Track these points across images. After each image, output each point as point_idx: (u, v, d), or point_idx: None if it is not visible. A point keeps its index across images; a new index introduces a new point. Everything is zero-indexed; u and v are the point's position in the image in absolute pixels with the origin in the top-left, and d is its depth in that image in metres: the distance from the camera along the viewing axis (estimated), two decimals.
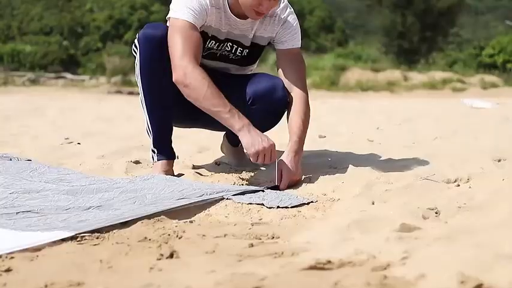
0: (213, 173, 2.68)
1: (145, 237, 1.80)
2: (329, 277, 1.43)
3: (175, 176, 2.65)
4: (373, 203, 2.02)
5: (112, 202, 2.19)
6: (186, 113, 2.67)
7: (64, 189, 2.40)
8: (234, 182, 2.45)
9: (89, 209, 2.12)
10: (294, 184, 2.38)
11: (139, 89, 2.60)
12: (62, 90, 12.82)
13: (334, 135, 3.65)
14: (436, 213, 1.92)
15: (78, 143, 3.77)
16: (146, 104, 2.58)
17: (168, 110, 2.62)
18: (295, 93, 2.57)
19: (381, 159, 2.91)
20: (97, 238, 1.83)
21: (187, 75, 2.36)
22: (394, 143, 3.31)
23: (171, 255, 1.64)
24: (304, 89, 2.60)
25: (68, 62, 26.95)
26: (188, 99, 2.41)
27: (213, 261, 1.59)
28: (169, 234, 1.82)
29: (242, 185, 2.43)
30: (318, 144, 3.25)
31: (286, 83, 2.59)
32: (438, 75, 19.09)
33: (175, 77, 2.38)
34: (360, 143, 3.41)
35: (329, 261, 1.51)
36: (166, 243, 1.76)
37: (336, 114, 4.66)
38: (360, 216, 1.88)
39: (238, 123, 2.35)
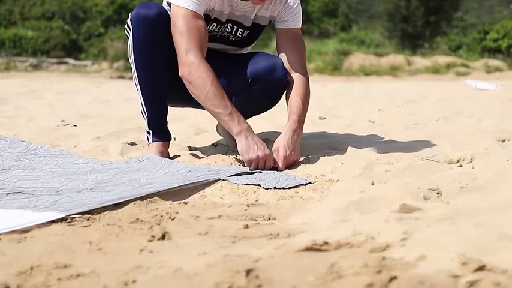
0: (209, 154, 2.63)
1: (137, 219, 1.75)
2: (325, 259, 1.38)
3: (170, 157, 2.59)
4: (372, 184, 1.96)
5: (106, 184, 2.13)
6: (181, 93, 2.61)
7: (57, 170, 2.34)
8: (231, 163, 2.40)
9: (81, 191, 2.07)
10: (292, 164, 2.32)
11: (133, 70, 2.54)
12: (63, 75, 12.76)
13: (334, 117, 3.59)
14: (438, 193, 1.86)
15: (74, 125, 3.71)
16: (140, 85, 2.52)
17: (163, 91, 2.56)
18: (295, 73, 2.51)
19: (381, 140, 2.85)
20: (87, 220, 1.78)
21: (192, 72, 2.32)
22: (395, 124, 3.24)
23: (163, 237, 1.59)
24: (304, 70, 2.54)
25: (70, 47, 26.86)
26: (192, 95, 2.36)
27: (206, 242, 1.54)
28: (162, 216, 1.77)
29: (239, 166, 2.37)
30: (318, 126, 3.19)
31: (286, 62, 2.52)
32: (442, 59, 18.95)
33: (180, 73, 2.35)
34: (360, 125, 3.34)
35: (326, 243, 1.45)
36: (159, 224, 1.71)
37: (337, 97, 4.59)
38: (359, 197, 1.82)
39: (236, 127, 2.29)
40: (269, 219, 1.75)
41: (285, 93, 2.54)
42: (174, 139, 3.05)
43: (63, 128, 3.66)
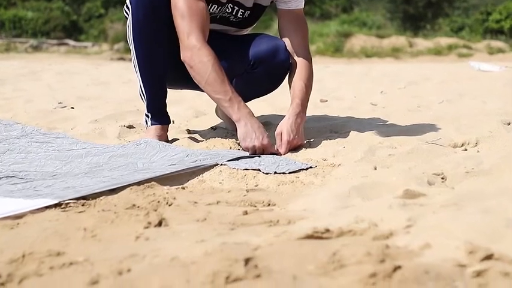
0: (208, 138, 2.57)
1: (134, 205, 1.70)
2: (327, 247, 1.33)
3: (169, 141, 2.54)
4: (375, 169, 1.91)
5: (101, 169, 2.09)
6: (181, 75, 2.55)
7: (52, 154, 2.29)
8: (230, 147, 2.34)
9: (76, 175, 2.02)
10: (295, 149, 2.26)
11: (132, 52, 2.48)
12: (63, 56, 12.67)
13: (336, 99, 3.52)
14: (443, 178, 1.81)
15: (72, 108, 3.66)
16: (139, 67, 2.46)
17: (162, 73, 2.50)
18: (298, 55, 2.45)
19: (384, 123, 2.79)
20: (82, 205, 1.74)
21: (193, 56, 2.27)
22: (398, 107, 3.18)
23: (160, 224, 1.54)
24: (307, 52, 2.48)
25: (70, 28, 26.65)
26: (194, 79, 2.32)
27: (204, 229, 1.49)
28: (158, 201, 1.72)
29: (238, 150, 2.32)
30: (319, 109, 3.13)
31: (288, 44, 2.46)
32: (444, 41, 18.80)
33: (182, 57, 2.31)
34: (362, 107, 3.28)
35: (327, 230, 1.41)
36: (156, 210, 1.66)
37: (339, 79, 4.52)
38: (361, 182, 1.77)
39: (236, 113, 2.24)
40: (269, 205, 1.71)
41: (287, 76, 2.48)
42: (173, 122, 2.99)
43: (61, 110, 3.60)
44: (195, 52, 2.26)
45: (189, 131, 2.76)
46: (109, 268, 1.25)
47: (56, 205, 1.73)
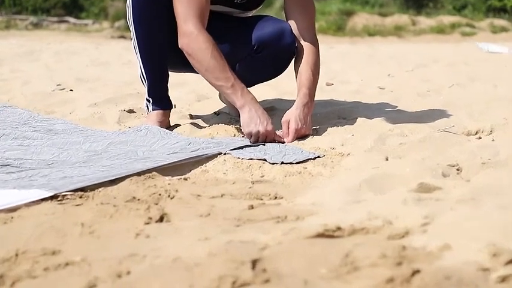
0: (211, 124, 2.48)
1: (134, 197, 1.62)
2: (339, 247, 1.25)
3: (171, 127, 2.46)
4: (386, 159, 1.82)
5: (100, 157, 2.00)
6: (184, 58, 2.45)
7: (49, 140, 2.21)
8: (234, 134, 2.25)
9: (74, 164, 1.93)
10: (301, 137, 2.17)
11: (132, 34, 2.38)
12: (63, 34, 12.49)
13: (342, 82, 3.42)
14: (458, 170, 1.73)
15: (71, 90, 3.56)
16: (140, 49, 2.37)
17: (164, 56, 2.40)
18: (305, 39, 2.35)
19: (393, 109, 2.70)
20: (80, 197, 1.66)
21: (190, 44, 2.18)
22: (407, 91, 3.08)
23: (161, 219, 1.46)
24: (314, 35, 2.37)
25: (71, 5, 26.37)
26: (193, 67, 2.24)
27: (208, 226, 1.41)
28: (160, 194, 1.64)
29: (243, 137, 2.23)
30: (325, 93, 3.03)
31: (295, 28, 2.36)
32: (447, 19, 18.58)
33: (180, 44, 2.21)
34: (370, 91, 3.18)
35: (339, 228, 1.33)
36: (157, 204, 1.58)
37: (344, 60, 4.41)
38: (372, 173, 1.69)
39: (239, 100, 2.15)
40: (275, 198, 1.63)
41: (293, 61, 2.38)
42: (175, 106, 2.90)
43: (59, 92, 3.51)
44: (192, 39, 2.17)
45: (191, 116, 2.67)
46: (107, 270, 1.17)
47: (52, 197, 1.65)
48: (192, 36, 2.16)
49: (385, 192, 1.59)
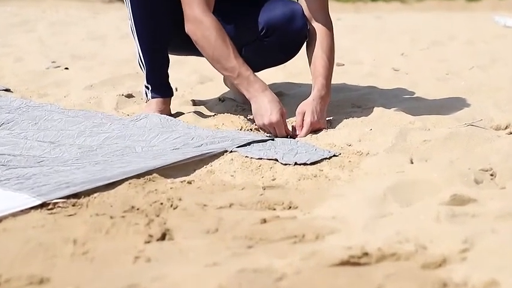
0: (216, 112, 2.30)
1: (133, 206, 1.46)
2: (368, 278, 1.10)
3: (172, 115, 2.28)
4: (411, 162, 1.66)
5: (95, 153, 1.83)
6: (184, 42, 2.26)
7: (40, 132, 2.04)
8: (241, 127, 2.08)
9: (66, 162, 1.76)
10: (315, 131, 2.00)
11: (129, 14, 2.18)
12: None
13: (353, 63, 3.23)
14: (492, 175, 1.57)
15: (66, 68, 3.37)
16: (138, 33, 2.18)
17: (164, 40, 2.21)
18: (317, 21, 2.15)
19: (411, 96, 2.52)
20: (73, 206, 1.49)
21: (196, 30, 2.01)
22: (424, 73, 2.89)
23: (163, 237, 1.30)
24: (328, 17, 2.17)
25: None
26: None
27: (216, 246, 1.25)
28: (161, 203, 1.48)
29: (250, 130, 2.06)
30: (337, 75, 2.82)
31: (306, 9, 2.16)
32: None
33: (186, 29, 2.05)
34: (384, 74, 2.99)
35: (365, 253, 1.17)
36: (158, 215, 1.42)
37: (353, 35, 4.20)
38: (396, 179, 1.52)
39: (247, 91, 1.99)
40: (290, 207, 1.47)
41: (305, 45, 2.19)
42: (176, 89, 2.72)
43: (53, 71, 3.32)
44: (197, 25, 2.00)
45: (194, 102, 2.49)
46: None
47: (42, 205, 1.48)
48: (196, 22, 1.98)
49: (412, 203, 1.42)
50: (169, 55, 2.30)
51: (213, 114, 2.28)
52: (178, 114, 2.29)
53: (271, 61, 2.33)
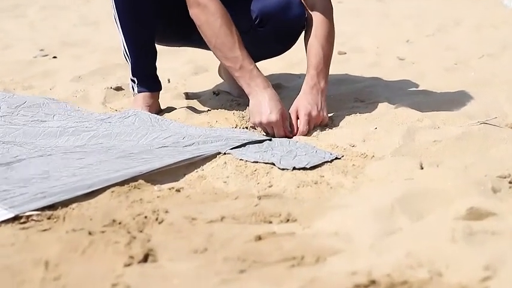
0: (210, 108, 2.15)
1: (114, 220, 1.32)
2: None
3: (162, 110, 2.13)
4: (421, 167, 1.51)
5: (78, 155, 1.68)
6: (175, 30, 2.11)
7: (20, 129, 1.90)
8: (236, 125, 1.93)
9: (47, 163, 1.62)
10: (315, 127, 1.85)
11: (112, 2, 2.02)
12: None
13: (355, 51, 3.06)
14: (510, 182, 1.42)
15: (54, 57, 3.21)
16: (121, 21, 2.02)
17: (150, 29, 2.05)
18: (315, 7, 1.98)
19: (418, 88, 2.36)
20: (48, 219, 1.36)
21: (199, 15, 1.86)
22: (430, 63, 2.72)
23: (145, 258, 1.16)
24: (327, 1, 2.01)
25: None
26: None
27: (204, 271, 1.11)
28: (146, 217, 1.34)
29: (246, 128, 1.91)
30: (338, 64, 2.68)
31: None
32: None
33: (190, 13, 1.90)
34: (388, 63, 2.82)
35: (372, 282, 1.03)
36: (141, 231, 1.28)
37: (354, 20, 4.02)
38: (405, 188, 1.38)
39: (247, 86, 1.84)
40: (288, 220, 1.33)
41: (303, 34, 2.03)
42: (169, 81, 2.57)
43: (41, 60, 3.16)
44: (201, 9, 1.85)
45: (187, 95, 2.34)
46: None
47: (14, 217, 1.34)
48: (201, 5, 1.83)
49: (423, 216, 1.28)
50: (158, 45, 2.14)
51: (207, 109, 2.14)
52: (169, 109, 2.14)
53: (267, 52, 2.17)
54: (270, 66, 2.65)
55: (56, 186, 1.46)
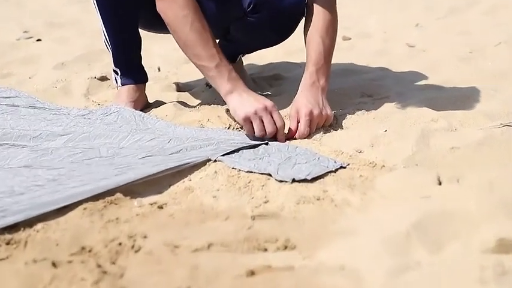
0: (202, 102, 1.96)
1: (83, 248, 1.14)
2: None
3: (150, 105, 1.94)
4: (439, 182, 1.32)
5: (50, 159, 1.50)
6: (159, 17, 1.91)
7: None
8: (230, 125, 1.74)
9: (10, 176, 1.43)
10: (323, 129, 1.66)
11: None
12: None
13: (361, 36, 2.84)
14: None
15: (38, 40, 3.00)
16: (99, 5, 1.82)
17: (133, 14, 1.85)
18: None
19: (430, 81, 2.16)
20: (7, 244, 1.18)
21: (167, 10, 1.66)
22: (443, 51, 2.51)
23: None
24: None
25: None
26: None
27: None
28: (120, 243, 1.15)
29: (240, 129, 1.72)
30: (343, 52, 2.48)
31: None
32: None
33: (157, 8, 1.69)
34: (397, 50, 2.61)
35: None
36: (114, 263, 1.09)
37: (359, 2, 3.79)
38: (422, 210, 1.19)
39: (226, 85, 1.63)
40: (286, 248, 1.14)
41: (303, 23, 1.82)
42: (159, 69, 2.38)
43: (24, 43, 2.96)
44: (169, 3, 1.65)
45: (178, 87, 2.15)
46: None
47: None
48: (167, 1, 1.62)
49: (444, 246, 1.10)
50: (142, 31, 1.94)
51: (198, 104, 1.94)
52: (158, 103, 1.95)
53: (262, 42, 1.97)
54: (268, 54, 2.46)
55: (19, 202, 1.27)
